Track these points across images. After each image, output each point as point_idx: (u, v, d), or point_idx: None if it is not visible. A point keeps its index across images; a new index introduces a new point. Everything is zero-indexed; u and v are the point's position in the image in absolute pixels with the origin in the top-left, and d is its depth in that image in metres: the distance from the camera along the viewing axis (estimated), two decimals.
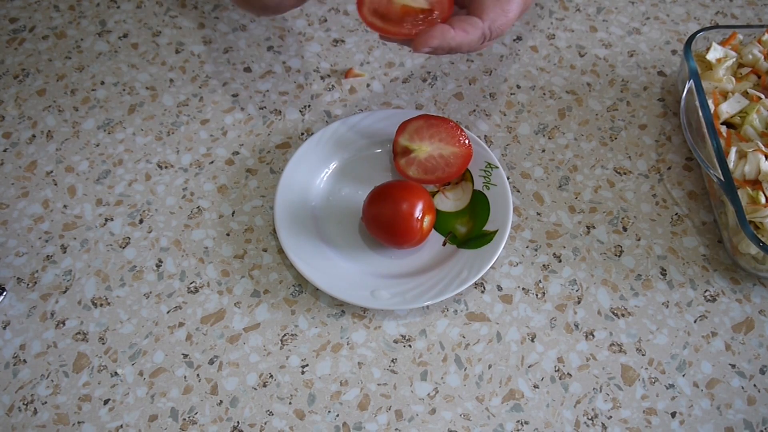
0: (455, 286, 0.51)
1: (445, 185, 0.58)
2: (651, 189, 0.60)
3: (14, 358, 0.51)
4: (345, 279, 0.52)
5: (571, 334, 0.53)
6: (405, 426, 0.49)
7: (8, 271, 0.54)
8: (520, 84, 0.65)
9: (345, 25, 0.69)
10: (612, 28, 0.70)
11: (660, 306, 0.54)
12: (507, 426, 0.49)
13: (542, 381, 0.51)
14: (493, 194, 0.56)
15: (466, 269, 0.52)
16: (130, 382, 0.50)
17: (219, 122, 0.62)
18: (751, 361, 0.52)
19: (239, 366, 0.51)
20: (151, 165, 0.60)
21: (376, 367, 0.51)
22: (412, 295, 0.51)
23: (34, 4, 0.70)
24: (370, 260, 0.54)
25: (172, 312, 0.53)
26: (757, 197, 0.53)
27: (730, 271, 0.56)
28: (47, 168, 0.60)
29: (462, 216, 0.57)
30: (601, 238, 0.57)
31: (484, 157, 0.57)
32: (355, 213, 0.56)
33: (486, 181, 0.57)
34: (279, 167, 0.60)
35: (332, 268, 0.53)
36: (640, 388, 0.50)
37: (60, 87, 0.64)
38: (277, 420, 0.49)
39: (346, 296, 0.51)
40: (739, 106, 0.58)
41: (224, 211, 0.58)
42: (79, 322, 0.52)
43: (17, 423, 0.48)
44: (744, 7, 0.72)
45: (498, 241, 0.53)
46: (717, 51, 0.61)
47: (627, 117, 0.64)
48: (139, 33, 0.68)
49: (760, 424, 0.49)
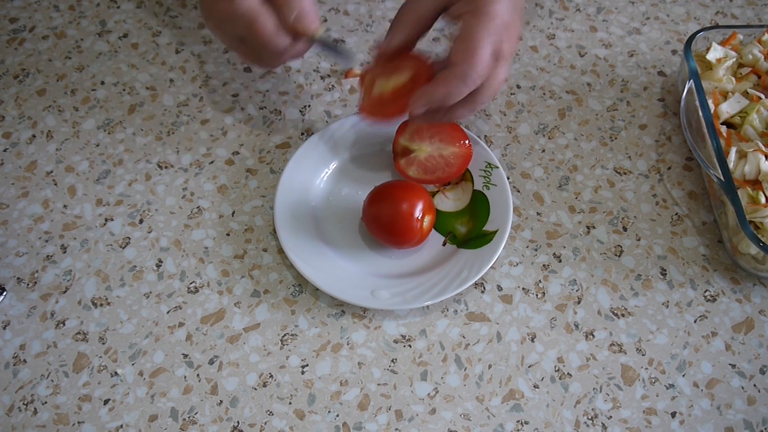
0: (455, 286, 0.51)
1: (445, 185, 0.58)
2: (651, 189, 0.60)
3: (14, 358, 0.51)
4: (345, 279, 0.52)
5: (571, 334, 0.53)
6: (405, 426, 0.49)
7: (8, 271, 0.54)
8: (520, 84, 0.65)
9: (345, 25, 0.69)
10: (612, 28, 0.70)
11: (660, 306, 0.54)
12: (507, 426, 0.49)
13: (542, 381, 0.51)
14: (493, 194, 0.56)
15: (466, 269, 0.52)
16: (130, 382, 0.50)
17: (219, 122, 0.62)
18: (751, 361, 0.52)
19: (239, 366, 0.51)
20: (151, 165, 0.60)
21: (376, 367, 0.51)
22: (412, 295, 0.51)
23: (34, 4, 0.70)
24: (370, 260, 0.54)
25: (172, 312, 0.53)
26: (757, 197, 0.53)
27: (730, 271, 0.56)
28: (47, 168, 0.60)
29: (462, 216, 0.57)
30: (601, 238, 0.57)
31: (485, 157, 0.57)
32: (355, 213, 0.56)
33: (486, 181, 0.57)
34: (279, 167, 0.60)
35: (332, 268, 0.53)
36: (640, 388, 0.50)
37: (60, 87, 0.64)
38: (277, 420, 0.49)
39: (346, 296, 0.51)
40: (739, 106, 0.58)
41: (224, 211, 0.58)
42: (79, 322, 0.52)
43: (17, 423, 0.48)
44: (744, 7, 0.72)
45: (498, 241, 0.53)
46: (717, 51, 0.61)
47: (627, 117, 0.64)
48: (139, 33, 0.68)
49: (760, 424, 0.49)
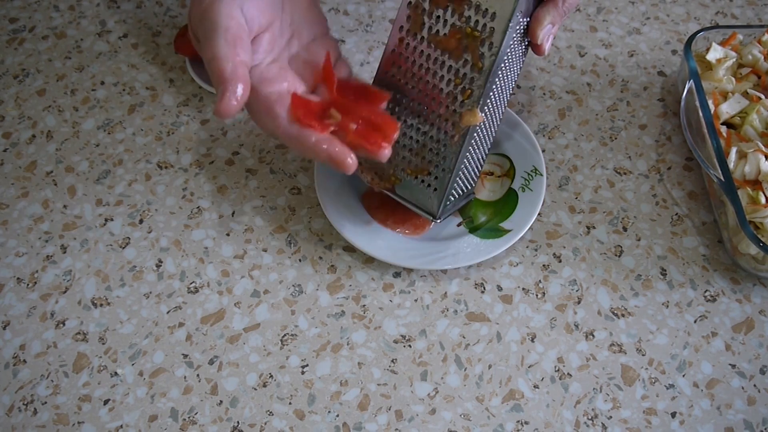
0: (446, 262, 0.53)
1: (488, 174, 0.58)
2: (651, 189, 0.60)
3: (14, 358, 0.51)
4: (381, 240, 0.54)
5: (571, 334, 0.53)
6: (405, 426, 0.49)
7: (8, 271, 0.54)
8: (520, 84, 0.65)
9: (345, 25, 0.69)
10: (612, 28, 0.70)
11: (660, 306, 0.54)
12: (507, 426, 0.49)
13: (542, 381, 0.51)
14: (526, 197, 0.56)
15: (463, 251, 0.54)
16: (130, 382, 0.50)
17: (219, 122, 0.62)
18: (751, 361, 0.52)
19: (239, 366, 0.51)
20: (151, 165, 0.60)
21: (376, 367, 0.51)
22: (429, 260, 0.53)
23: (34, 4, 0.70)
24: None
25: (172, 312, 0.53)
26: (757, 197, 0.53)
27: (730, 271, 0.56)
28: (47, 168, 0.60)
29: (489, 207, 0.57)
30: (601, 238, 0.57)
31: (534, 162, 0.58)
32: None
33: (525, 183, 0.57)
34: (279, 167, 0.60)
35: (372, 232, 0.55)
36: (640, 388, 0.50)
37: (60, 87, 0.64)
38: (277, 420, 0.49)
39: (383, 255, 0.53)
40: (739, 107, 0.58)
41: (224, 211, 0.58)
42: (79, 322, 0.52)
43: (17, 423, 0.48)
44: (744, 7, 0.72)
45: (507, 239, 0.54)
46: (717, 51, 0.61)
47: (627, 117, 0.64)
48: (139, 33, 0.68)
49: (760, 424, 0.49)
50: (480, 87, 0.46)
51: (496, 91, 0.47)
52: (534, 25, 0.46)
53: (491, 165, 0.59)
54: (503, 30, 0.44)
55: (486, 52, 0.45)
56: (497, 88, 0.47)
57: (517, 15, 0.44)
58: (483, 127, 0.49)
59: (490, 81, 0.46)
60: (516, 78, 0.50)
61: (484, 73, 0.45)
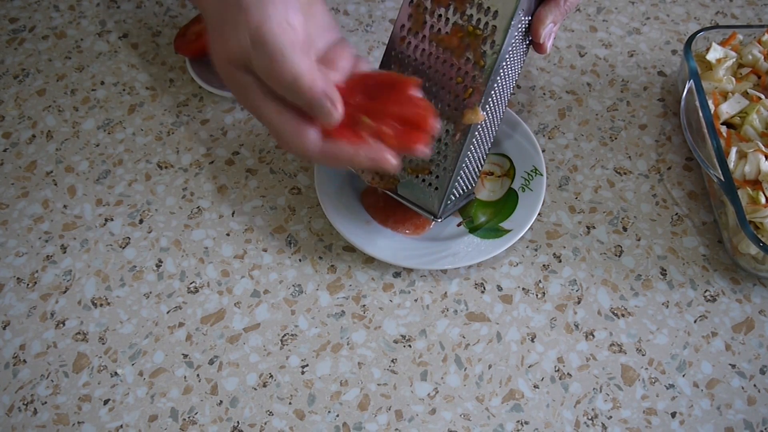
0: (448, 262, 0.53)
1: (488, 174, 0.58)
2: (651, 189, 0.60)
3: (14, 358, 0.51)
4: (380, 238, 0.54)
5: (571, 334, 0.53)
6: (405, 426, 0.49)
7: (8, 271, 0.54)
8: (520, 84, 0.65)
9: (345, 25, 0.69)
10: (612, 28, 0.70)
11: (660, 306, 0.54)
12: (507, 426, 0.49)
13: (542, 381, 0.51)
14: (526, 198, 0.56)
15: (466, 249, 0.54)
16: (130, 382, 0.50)
17: (219, 122, 0.62)
18: (751, 361, 0.52)
19: (239, 366, 0.51)
20: (151, 165, 0.60)
21: (376, 367, 0.51)
22: (429, 260, 0.53)
23: (34, 4, 0.70)
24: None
25: (172, 312, 0.53)
26: (757, 197, 0.53)
27: (730, 271, 0.56)
28: (47, 168, 0.60)
29: (489, 207, 0.57)
30: (601, 238, 0.57)
31: (534, 162, 0.58)
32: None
33: (525, 183, 0.57)
34: (279, 167, 0.60)
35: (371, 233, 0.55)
36: (640, 388, 0.50)
37: (60, 87, 0.64)
38: (277, 420, 0.49)
39: (383, 255, 0.53)
40: (739, 107, 0.58)
41: (224, 211, 0.58)
42: (79, 322, 0.52)
43: (17, 423, 0.48)
44: (744, 7, 0.72)
45: (507, 239, 0.54)
46: (717, 51, 0.61)
47: (627, 117, 0.64)
48: (139, 33, 0.68)
49: (760, 424, 0.49)
50: (482, 85, 0.46)
51: (498, 89, 0.47)
52: (536, 23, 0.46)
53: (491, 165, 0.59)
54: (505, 28, 0.44)
55: (488, 50, 0.45)
56: (499, 87, 0.47)
57: (519, 13, 0.44)
58: (484, 126, 0.49)
59: (492, 79, 0.46)
60: (517, 77, 0.50)
61: (485, 72, 0.45)
